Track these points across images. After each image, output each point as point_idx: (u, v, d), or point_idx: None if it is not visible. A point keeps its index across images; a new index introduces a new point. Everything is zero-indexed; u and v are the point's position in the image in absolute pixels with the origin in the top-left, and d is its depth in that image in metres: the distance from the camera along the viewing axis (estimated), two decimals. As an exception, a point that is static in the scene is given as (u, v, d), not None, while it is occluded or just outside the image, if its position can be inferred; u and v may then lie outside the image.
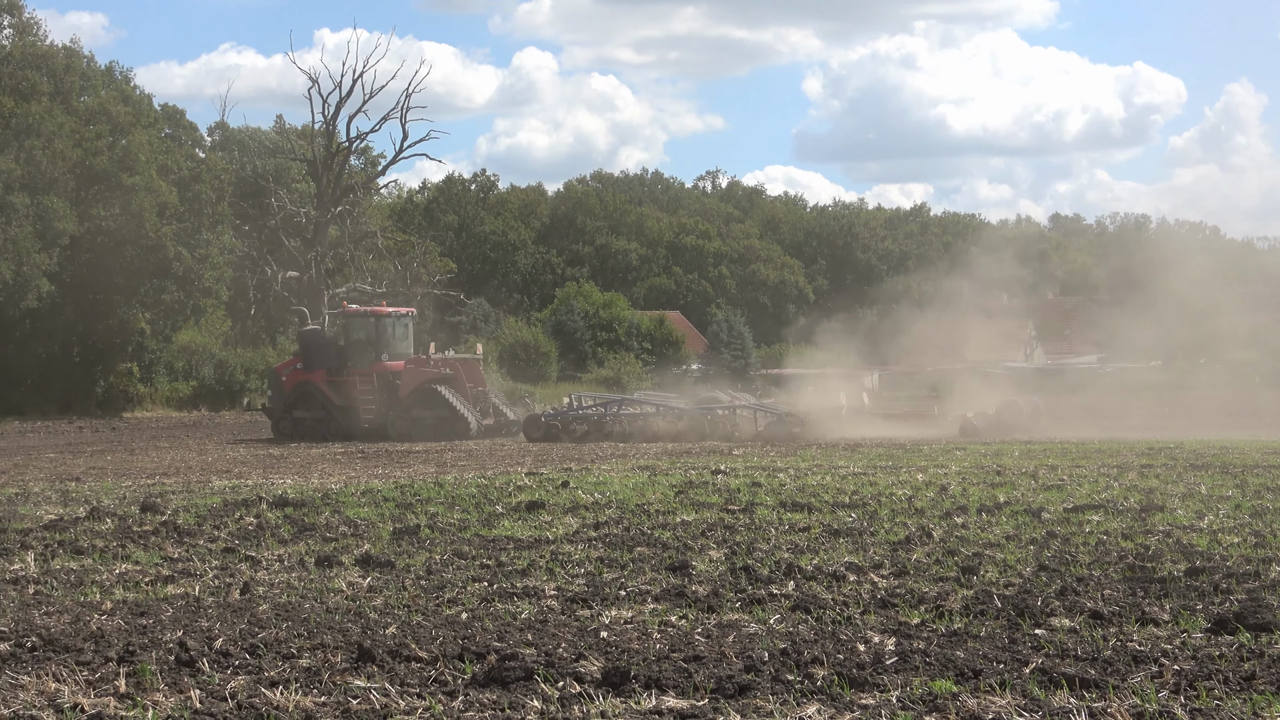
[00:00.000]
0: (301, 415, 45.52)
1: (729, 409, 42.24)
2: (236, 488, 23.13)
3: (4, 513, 19.16)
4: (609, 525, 16.17)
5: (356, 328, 46.56)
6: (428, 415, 43.80)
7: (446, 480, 23.57)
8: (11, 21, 72.45)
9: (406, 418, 44.14)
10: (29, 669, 9.03)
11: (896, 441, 35.93)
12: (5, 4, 72.04)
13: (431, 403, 43.85)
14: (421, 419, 43.83)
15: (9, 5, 71.98)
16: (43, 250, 60.85)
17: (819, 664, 8.74)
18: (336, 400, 45.03)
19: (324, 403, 45.32)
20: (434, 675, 8.75)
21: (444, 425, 43.13)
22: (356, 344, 46.04)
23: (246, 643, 9.71)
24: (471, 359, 47.40)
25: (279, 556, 14.12)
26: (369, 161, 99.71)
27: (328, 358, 45.76)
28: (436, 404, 43.78)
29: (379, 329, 46.13)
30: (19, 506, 20.18)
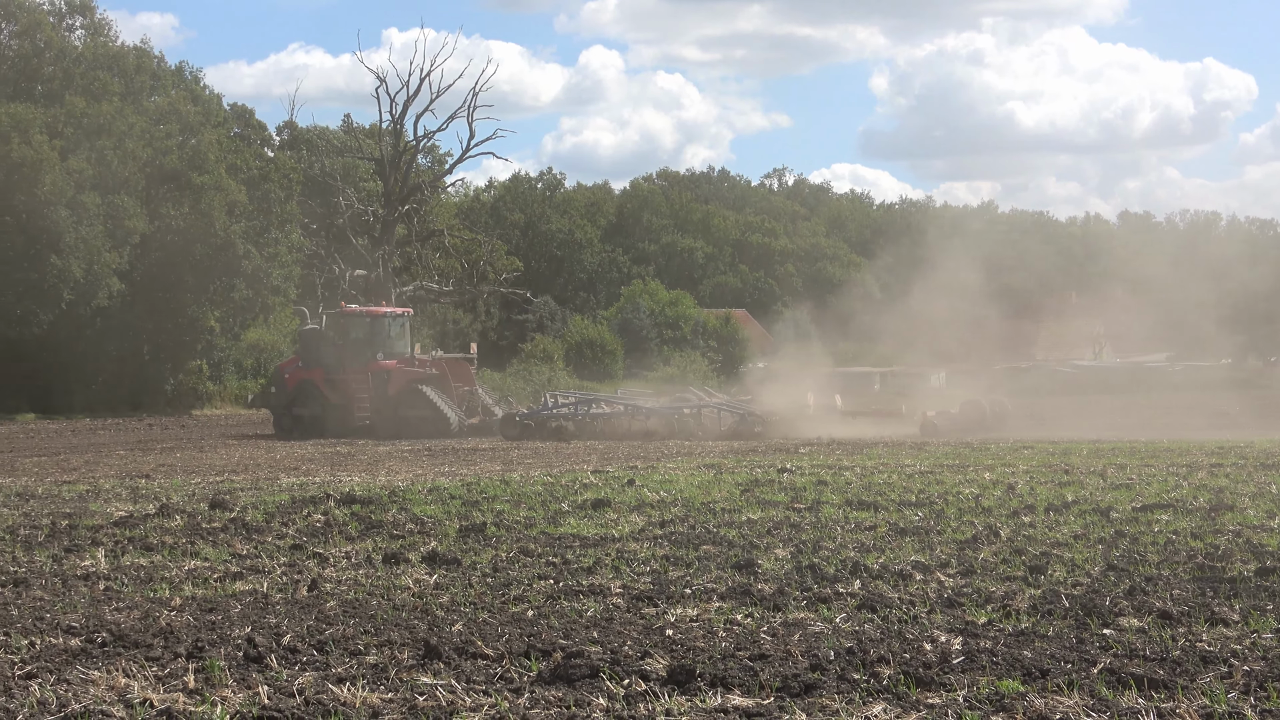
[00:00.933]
0: (300, 412, 46.78)
1: (695, 409, 43.02)
2: (304, 485, 23.25)
3: (75, 509, 19.34)
4: (674, 523, 16.16)
5: (354, 328, 47.84)
6: (412, 414, 45.08)
7: (513, 478, 23.62)
8: (83, 22, 73.11)
9: (394, 416, 45.47)
10: (99, 664, 9.10)
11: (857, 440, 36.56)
12: (77, 5, 72.72)
13: (416, 402, 45.16)
14: (407, 417, 45.11)
15: (81, 6, 72.64)
16: (113, 249, 61.36)
17: (885, 663, 8.71)
18: (333, 398, 46.30)
19: (321, 400, 46.55)
20: (500, 672, 8.77)
21: (427, 423, 44.37)
22: (354, 343, 47.36)
23: (314, 639, 9.75)
24: (461, 359, 48.80)
25: (346, 553, 14.19)
26: (436, 160, 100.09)
27: (326, 356, 47.09)
28: (420, 403, 45.04)
29: (375, 329, 47.66)
30: (90, 503, 20.37)
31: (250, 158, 74.45)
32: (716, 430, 41.03)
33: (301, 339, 49.30)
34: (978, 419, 42.11)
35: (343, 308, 49.37)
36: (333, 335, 48.11)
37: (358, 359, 46.84)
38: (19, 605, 11.32)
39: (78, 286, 59.90)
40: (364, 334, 47.63)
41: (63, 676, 8.78)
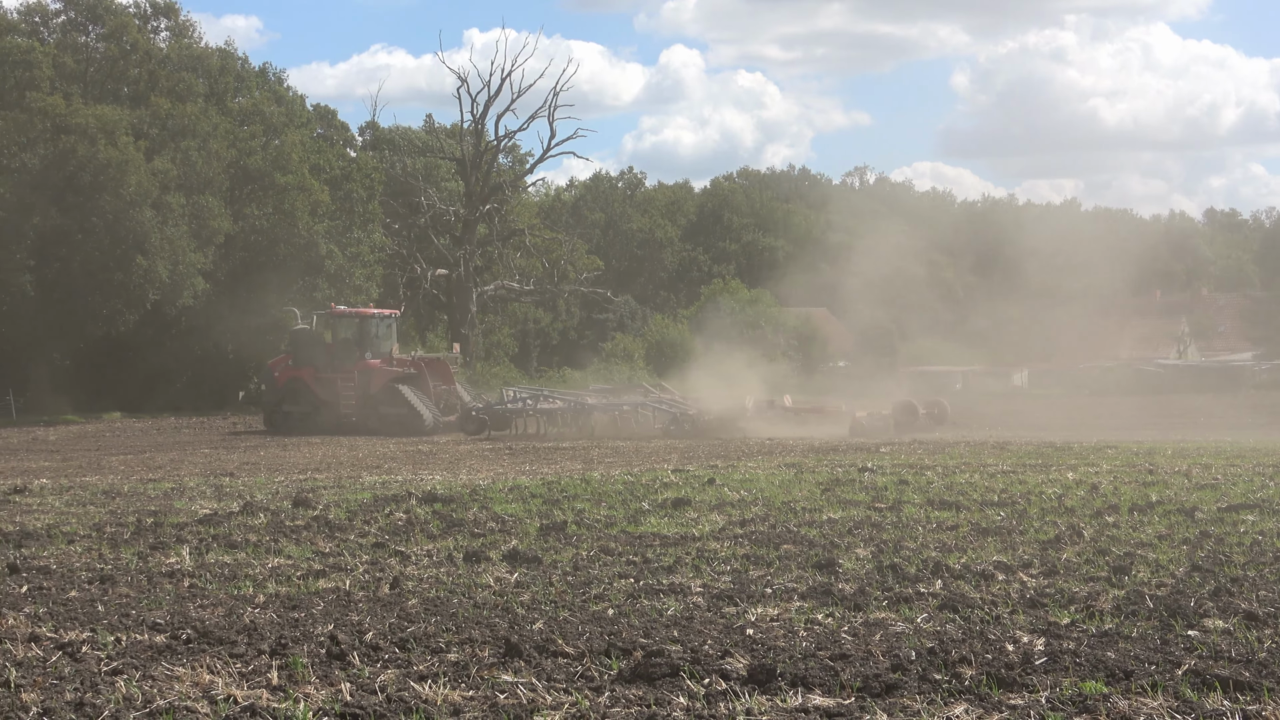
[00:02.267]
0: (290, 409, 48.92)
1: (633, 406, 44.84)
2: (386, 483, 23.37)
3: (160, 507, 19.53)
4: (755, 522, 16.13)
5: (343, 328, 49.80)
6: (391, 411, 47.14)
7: (593, 477, 23.64)
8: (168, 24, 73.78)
9: (374, 413, 47.47)
10: (184, 661, 9.17)
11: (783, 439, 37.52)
12: (162, 7, 73.36)
13: (394, 400, 47.18)
14: (386, 414, 47.17)
15: (166, 8, 73.29)
16: (198, 249, 61.85)
17: (967, 663, 8.66)
18: (322, 395, 48.44)
19: (310, 398, 48.65)
20: (580, 670, 8.77)
21: (404, 421, 46.47)
22: (343, 343, 49.36)
23: (396, 637, 9.79)
24: (441, 358, 51.18)
25: (428, 552, 14.25)
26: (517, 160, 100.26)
27: (316, 356, 48.98)
28: (398, 401, 47.05)
29: (364, 329, 49.44)
30: (175, 501, 20.57)
31: (333, 158, 74.88)
32: (650, 429, 42.71)
33: (292, 338, 50.83)
34: (909, 420, 42.74)
35: (332, 309, 51.16)
36: (324, 335, 50.10)
37: (348, 358, 48.76)
38: (105, 602, 11.43)
39: (163, 287, 60.43)
40: (353, 334, 49.54)
41: (148, 673, 8.85)
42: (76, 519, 18.08)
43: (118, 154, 59.79)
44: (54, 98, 62.43)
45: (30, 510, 19.54)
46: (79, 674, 8.83)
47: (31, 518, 18.32)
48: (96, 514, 18.72)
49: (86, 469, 29.66)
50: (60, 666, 9.07)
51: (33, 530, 16.54)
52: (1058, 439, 35.06)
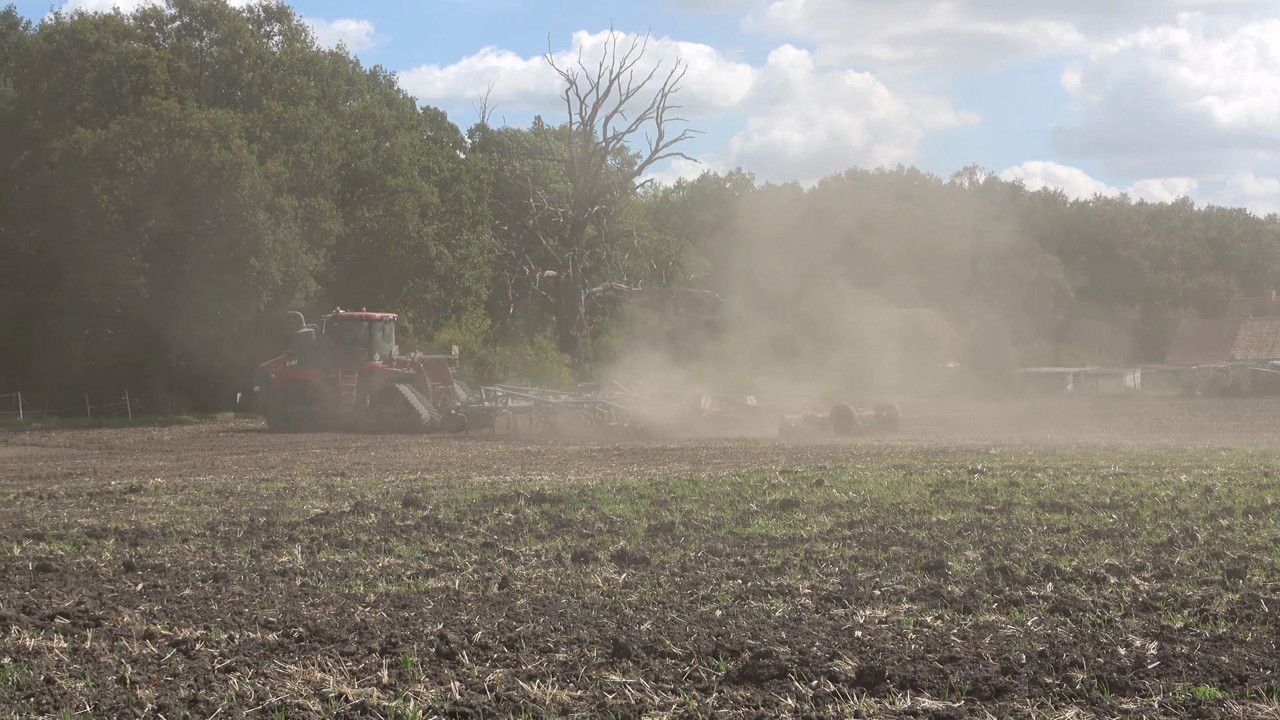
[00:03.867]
0: (294, 409, 51.19)
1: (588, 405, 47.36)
2: (495, 483, 23.47)
3: (273, 506, 19.73)
4: (863, 524, 16.05)
5: (350, 331, 52.21)
6: (389, 410, 49.69)
7: (701, 477, 23.63)
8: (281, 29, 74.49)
9: (373, 412, 50.02)
10: (296, 658, 9.25)
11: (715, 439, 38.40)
12: (275, 11, 74.06)
13: (393, 399, 49.84)
14: (385, 413, 49.69)
15: (278, 12, 73.99)
16: (310, 251, 62.42)
17: (1078, 667, 8.58)
18: (329, 395, 51.01)
19: (317, 397, 51.14)
20: (688, 671, 8.76)
21: (402, 419, 48.89)
22: (349, 345, 51.87)
23: (504, 636, 9.83)
24: (439, 359, 52.73)
25: (536, 552, 14.29)
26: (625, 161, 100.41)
27: (322, 357, 51.36)
28: (396, 400, 49.66)
29: (371, 332, 52.06)
30: (287, 501, 20.77)
31: (442, 160, 75.31)
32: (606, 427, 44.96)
33: (297, 341, 52.53)
34: (846, 424, 43.39)
35: (337, 312, 52.99)
36: (330, 338, 52.04)
37: (354, 359, 51.30)
38: (219, 600, 11.56)
39: (276, 289, 61.04)
40: (361, 337, 51.99)
41: (261, 670, 8.93)
42: (190, 518, 18.30)
43: (231, 157, 60.46)
44: (169, 102, 63.24)
45: (145, 509, 19.80)
46: (193, 671, 8.93)
47: (147, 516, 18.56)
48: (210, 513, 18.94)
49: (200, 468, 30.02)
50: (174, 664, 9.18)
51: (148, 529, 16.77)
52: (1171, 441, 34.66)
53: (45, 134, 64.30)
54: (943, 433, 42.57)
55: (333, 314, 53.22)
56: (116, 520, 18.11)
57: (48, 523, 17.99)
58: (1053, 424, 46.21)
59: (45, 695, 8.29)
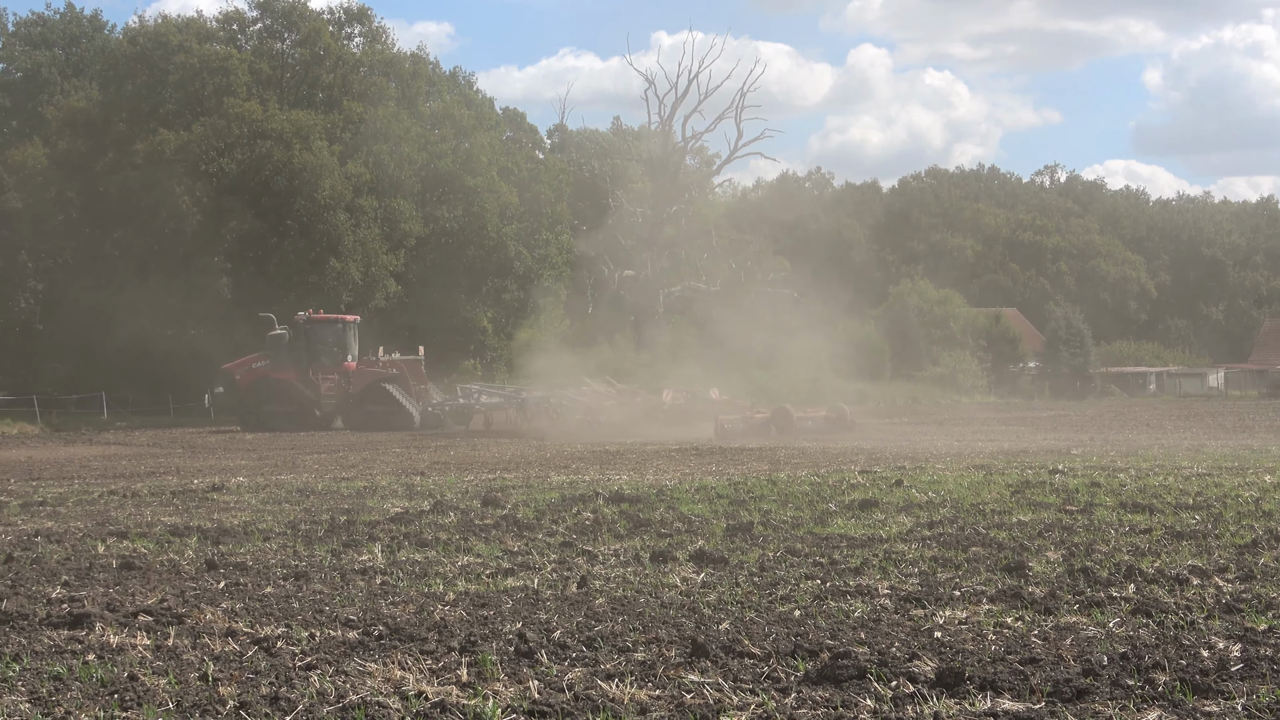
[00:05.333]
0: (271, 409, 52.62)
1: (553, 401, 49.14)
2: (574, 483, 23.50)
3: (353, 505, 19.84)
4: (943, 524, 15.97)
5: (326, 332, 53.75)
6: (377, 409, 51.60)
7: (780, 477, 23.57)
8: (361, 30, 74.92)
9: (359, 411, 51.87)
10: (376, 657, 9.29)
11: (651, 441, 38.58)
12: (355, 13, 74.50)
13: (380, 398, 51.72)
14: (372, 412, 51.60)
15: (359, 14, 74.41)
16: (390, 251, 62.73)
17: (1160, 669, 8.50)
18: (310, 395, 52.53)
19: (298, 398, 52.57)
20: (766, 671, 8.73)
21: (391, 418, 50.88)
22: (325, 346, 53.43)
23: (583, 635, 9.83)
24: (414, 360, 54.26)
25: (615, 551, 14.29)
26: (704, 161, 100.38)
27: (297, 358, 52.82)
28: (384, 400, 51.61)
29: (344, 334, 53.76)
30: (367, 500, 20.88)
31: (521, 160, 75.56)
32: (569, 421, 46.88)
33: (271, 343, 53.60)
34: (786, 425, 43.50)
35: (311, 315, 54.12)
36: (303, 340, 53.35)
37: (330, 360, 53.02)
38: (300, 598, 11.63)
39: (356, 289, 61.41)
40: (336, 338, 53.64)
41: (341, 668, 8.97)
42: (272, 516, 18.43)
43: (312, 158, 60.92)
44: (250, 104, 63.80)
45: (227, 508, 19.96)
46: (274, 668, 8.98)
47: (229, 515, 18.71)
48: (291, 511, 19.06)
49: (281, 467, 30.22)
50: (256, 661, 9.24)
51: (230, 527, 16.90)
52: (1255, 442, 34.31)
53: (129, 136, 65.02)
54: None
55: (306, 316, 54.31)
56: (199, 518, 18.27)
57: (131, 521, 18.16)
58: (1135, 424, 45.84)
59: (129, 692, 8.36)
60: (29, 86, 75.63)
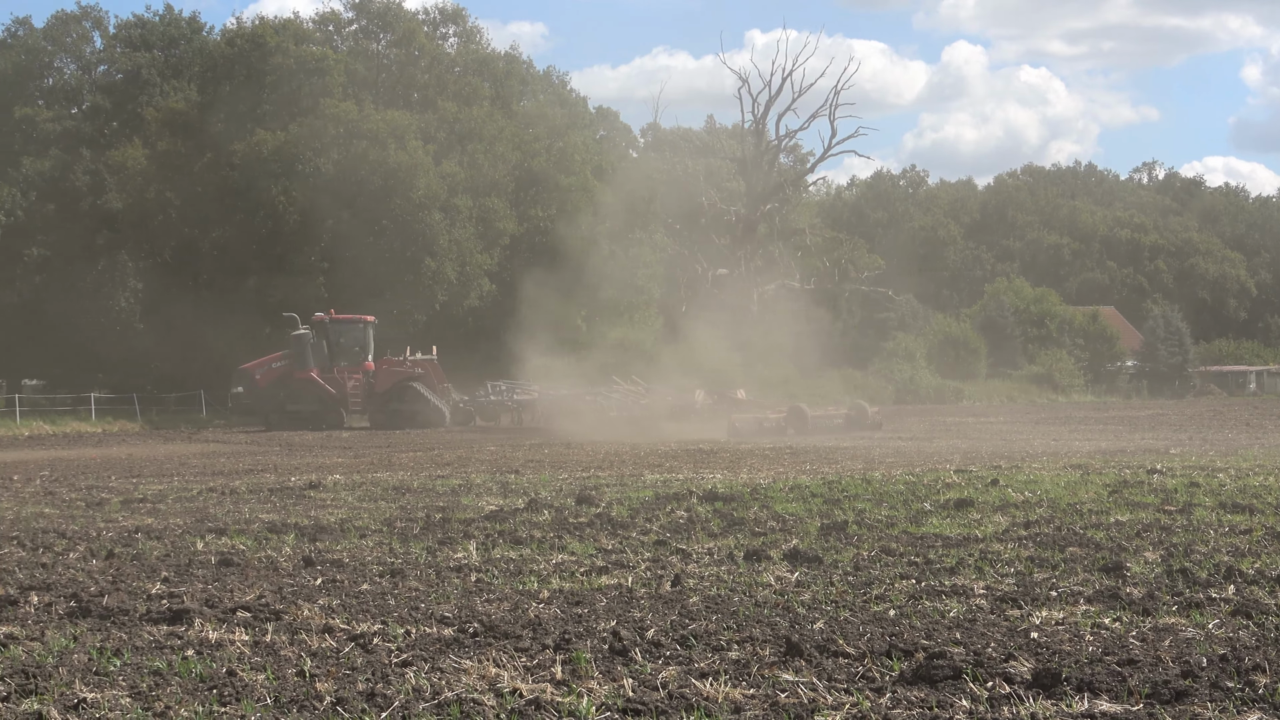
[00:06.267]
0: (294, 408, 53.44)
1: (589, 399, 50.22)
2: (667, 481, 23.50)
3: (448, 503, 19.92)
4: (1039, 524, 15.84)
5: (347, 332, 54.71)
6: (404, 408, 52.62)
7: (874, 476, 23.47)
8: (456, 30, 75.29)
9: (384, 410, 52.70)
10: (471, 654, 9.33)
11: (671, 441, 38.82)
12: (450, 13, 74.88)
13: (407, 397, 52.74)
14: (398, 411, 52.53)
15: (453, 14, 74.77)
16: (484, 251, 62.94)
17: (1260, 671, 8.40)
18: (335, 395, 53.33)
19: (323, 396, 53.33)
20: (861, 671, 8.70)
21: (419, 416, 51.94)
22: (347, 346, 54.40)
23: (677, 634, 9.83)
24: (432, 360, 54.99)
25: (708, 550, 14.27)
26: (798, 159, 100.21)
27: (321, 358, 53.67)
28: (412, 398, 52.65)
29: (364, 334, 54.67)
30: (462, 497, 20.97)
31: (615, 159, 75.62)
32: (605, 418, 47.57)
33: (295, 342, 54.36)
34: (799, 423, 43.70)
35: (332, 315, 54.97)
36: (326, 339, 54.27)
37: (351, 359, 53.94)
38: (396, 595, 11.69)
39: (451, 288, 61.67)
40: (357, 338, 54.53)
41: (436, 665, 9.02)
42: (368, 514, 18.55)
43: (407, 158, 61.25)
44: (346, 104, 64.23)
45: (324, 505, 20.12)
46: (370, 665, 9.04)
47: (325, 512, 18.85)
48: (387, 509, 19.17)
49: (377, 465, 30.41)
50: (353, 657, 9.30)
51: (326, 524, 17.02)
52: None
53: (227, 136, 65.65)
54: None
55: (326, 316, 55.07)
56: (296, 516, 18.42)
57: (230, 518, 18.34)
58: (1234, 423, 45.31)
59: (227, 687, 8.44)
60: (129, 88, 76.53)
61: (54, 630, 10.45)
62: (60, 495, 23.16)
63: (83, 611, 11.10)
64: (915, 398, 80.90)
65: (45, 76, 79.98)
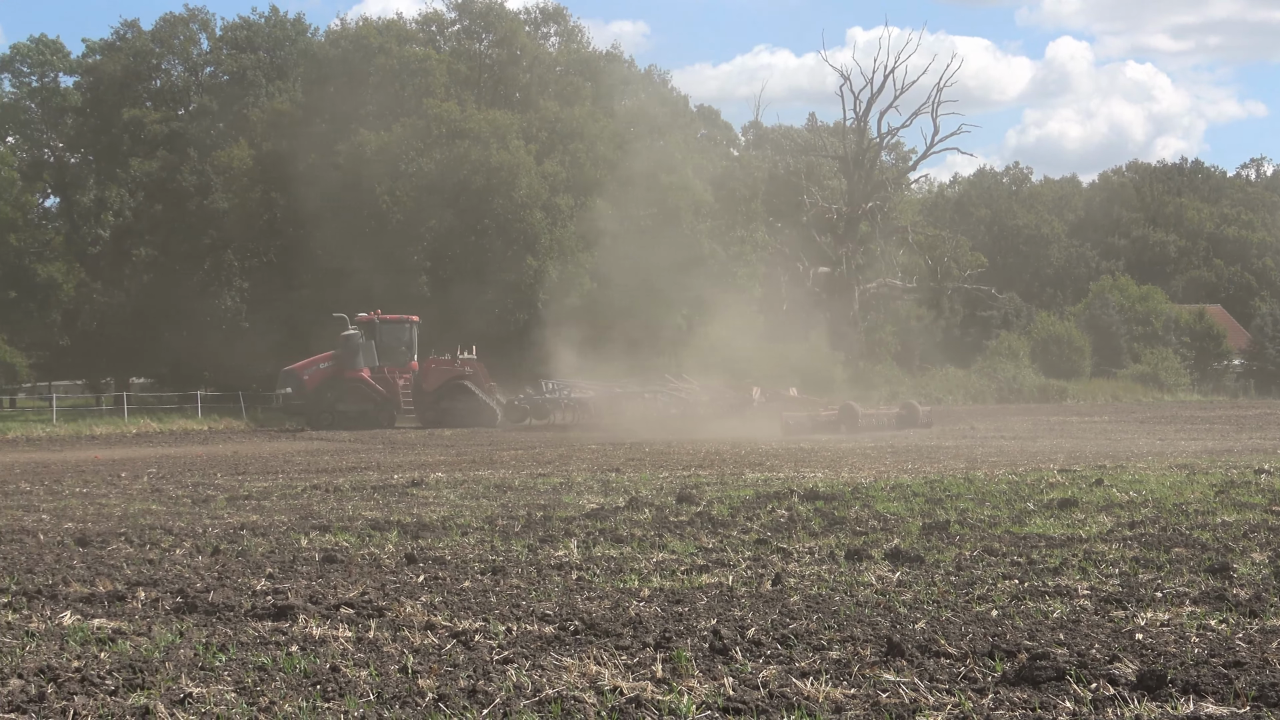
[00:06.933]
0: (345, 408, 54.02)
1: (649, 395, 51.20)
2: (768, 480, 23.45)
3: (549, 501, 19.99)
4: (1145, 524, 15.66)
5: (394, 332, 55.14)
6: (455, 406, 53.36)
7: (976, 476, 23.32)
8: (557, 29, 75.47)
9: (435, 409, 53.35)
10: (571, 651, 9.34)
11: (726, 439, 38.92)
12: (551, 13, 75.07)
13: (458, 396, 53.48)
14: (450, 409, 53.25)
15: (554, 14, 74.96)
16: (585, 250, 63.05)
17: (1372, 674, 8.28)
18: (386, 395, 53.80)
19: (373, 396, 53.92)
20: (963, 672, 8.64)
21: (470, 415, 52.78)
22: (393, 346, 54.88)
23: (778, 633, 9.80)
24: (475, 360, 55.77)
25: (809, 549, 14.22)
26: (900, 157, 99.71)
27: (370, 358, 54.15)
28: (464, 397, 53.41)
29: (411, 334, 55.17)
30: (563, 495, 21.02)
31: (716, 158, 75.59)
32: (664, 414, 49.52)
33: (345, 343, 54.70)
34: (850, 421, 44.32)
35: (379, 315, 55.41)
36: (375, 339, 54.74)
37: (397, 359, 54.46)
38: (497, 593, 11.73)
39: (551, 287, 61.83)
40: (404, 338, 55.02)
41: (537, 662, 9.04)
42: (470, 511, 18.63)
43: (509, 157, 61.49)
44: (449, 104, 64.57)
45: (426, 503, 20.24)
46: (472, 662, 9.08)
47: (428, 510, 18.96)
48: (488, 507, 19.25)
49: (479, 463, 30.56)
50: (454, 654, 9.34)
51: (429, 522, 17.12)
52: None
53: (331, 137, 66.17)
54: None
55: (372, 316, 55.46)
56: (399, 513, 18.55)
57: (333, 515, 18.49)
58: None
59: (330, 683, 8.52)
60: (234, 89, 77.36)
61: (161, 626, 10.58)
62: (167, 492, 23.48)
63: (189, 607, 11.24)
64: (1018, 396, 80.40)
65: (153, 78, 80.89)
